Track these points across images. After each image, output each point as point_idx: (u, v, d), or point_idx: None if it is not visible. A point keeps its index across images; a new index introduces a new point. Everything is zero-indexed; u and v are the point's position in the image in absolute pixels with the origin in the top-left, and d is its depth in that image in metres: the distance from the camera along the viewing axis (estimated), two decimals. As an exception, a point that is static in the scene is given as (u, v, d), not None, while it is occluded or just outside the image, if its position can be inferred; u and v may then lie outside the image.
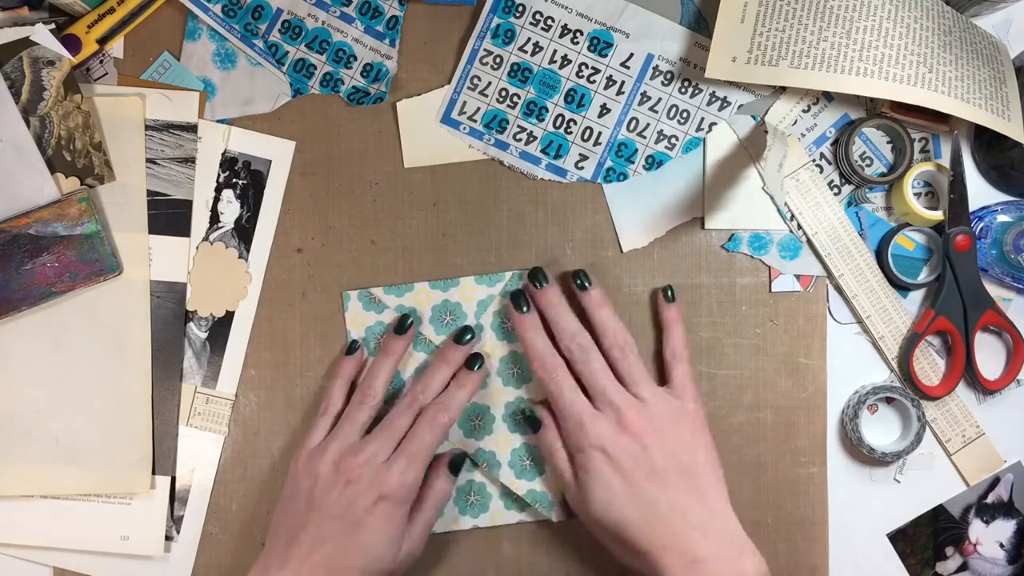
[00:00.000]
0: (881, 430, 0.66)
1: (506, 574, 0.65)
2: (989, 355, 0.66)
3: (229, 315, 0.65)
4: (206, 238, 0.65)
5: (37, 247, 0.62)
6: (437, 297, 0.64)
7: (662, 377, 0.63)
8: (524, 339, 0.61)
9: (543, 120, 0.65)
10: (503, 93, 0.65)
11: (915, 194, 0.65)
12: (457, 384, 0.62)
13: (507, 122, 0.65)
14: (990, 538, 0.66)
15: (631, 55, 0.65)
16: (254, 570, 0.57)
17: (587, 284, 0.62)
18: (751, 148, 0.65)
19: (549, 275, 0.63)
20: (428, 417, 0.60)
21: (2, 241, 0.62)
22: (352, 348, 0.64)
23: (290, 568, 0.56)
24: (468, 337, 0.63)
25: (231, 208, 0.65)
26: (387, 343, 0.63)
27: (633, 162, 0.65)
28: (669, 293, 0.64)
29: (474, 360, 0.62)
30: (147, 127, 0.65)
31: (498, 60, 0.65)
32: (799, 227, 0.65)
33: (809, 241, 0.65)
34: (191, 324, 0.65)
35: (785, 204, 0.65)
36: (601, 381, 0.59)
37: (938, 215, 0.64)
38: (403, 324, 0.63)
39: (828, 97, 0.65)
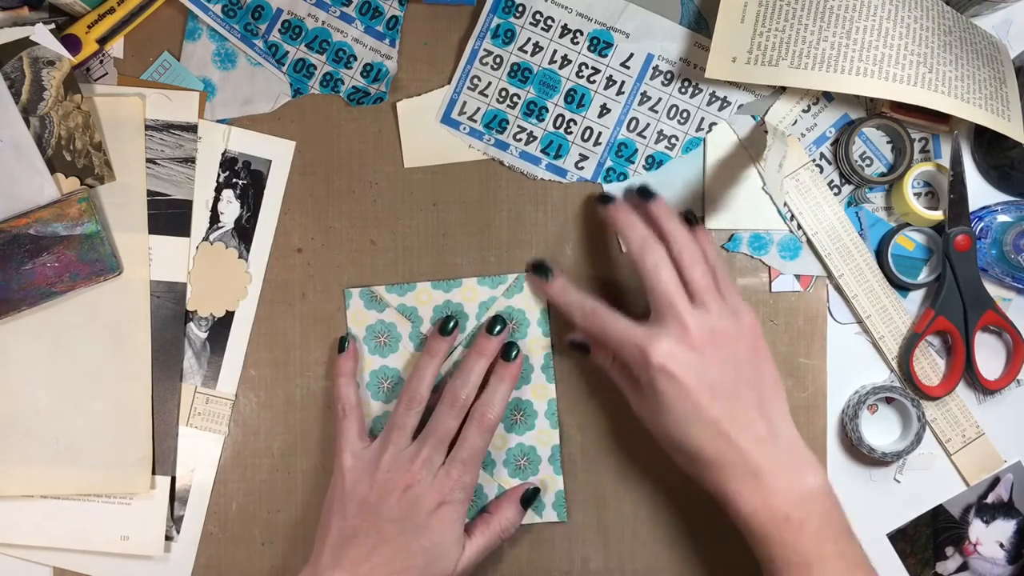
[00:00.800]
0: (881, 430, 0.66)
1: (506, 574, 0.65)
2: (989, 355, 0.66)
3: (229, 315, 0.65)
4: (206, 238, 0.65)
5: (37, 247, 0.62)
6: (439, 297, 0.64)
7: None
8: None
9: (543, 120, 0.65)
10: (503, 93, 0.65)
11: (915, 194, 0.65)
12: (498, 378, 0.62)
13: (507, 122, 0.65)
14: (990, 538, 0.66)
15: (631, 55, 0.65)
16: (304, 572, 0.58)
17: (651, 193, 0.61)
18: (751, 148, 0.65)
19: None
20: (476, 421, 0.60)
21: (2, 241, 0.62)
22: (343, 345, 0.64)
23: (345, 567, 0.56)
24: (499, 328, 0.62)
25: (231, 208, 0.65)
26: (431, 344, 0.63)
27: (633, 162, 0.65)
28: (689, 214, 0.63)
29: (509, 349, 0.62)
30: (147, 127, 0.65)
31: (498, 60, 0.65)
32: (799, 227, 0.65)
33: (809, 241, 0.65)
34: (191, 324, 0.65)
35: (785, 204, 0.65)
36: (701, 280, 0.58)
37: (938, 215, 0.64)
38: (446, 326, 0.63)
39: (828, 97, 0.65)
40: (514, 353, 0.62)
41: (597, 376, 0.64)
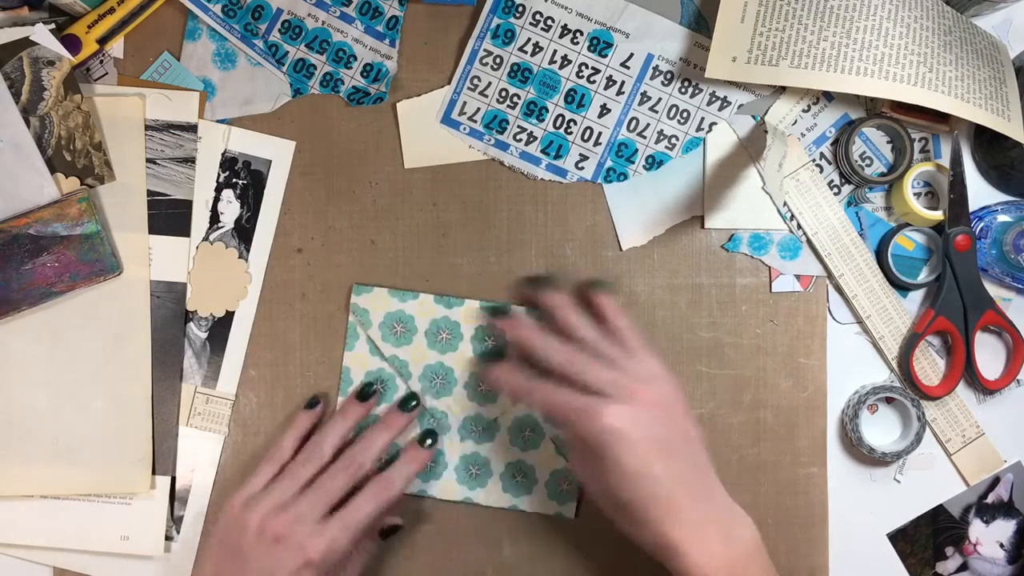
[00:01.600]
0: (881, 430, 0.66)
1: (506, 574, 0.65)
2: (989, 355, 0.66)
3: (229, 315, 0.65)
4: (206, 238, 0.65)
5: (37, 247, 0.62)
6: (439, 312, 0.64)
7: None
8: (523, 339, 0.60)
9: (543, 120, 0.65)
10: (503, 93, 0.65)
11: (915, 194, 0.65)
12: (407, 459, 0.62)
13: (507, 122, 0.65)
14: (990, 538, 0.66)
15: (631, 55, 0.65)
16: None
17: (598, 289, 0.62)
18: (751, 148, 0.65)
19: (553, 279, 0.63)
20: (373, 491, 0.59)
21: (2, 241, 0.62)
22: (312, 403, 0.64)
23: None
24: (413, 404, 0.63)
25: (231, 208, 0.65)
26: (346, 407, 0.63)
27: (633, 162, 0.65)
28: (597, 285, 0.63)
29: (426, 436, 0.63)
30: (147, 127, 0.65)
31: (498, 60, 0.65)
32: (799, 227, 0.65)
33: (809, 241, 0.65)
34: (191, 324, 0.65)
35: (785, 204, 0.65)
36: (595, 372, 0.57)
37: (938, 215, 0.64)
38: (365, 391, 0.63)
39: (828, 97, 0.65)
40: (429, 442, 0.63)
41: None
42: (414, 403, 0.63)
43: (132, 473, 0.63)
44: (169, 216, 0.65)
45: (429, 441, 0.63)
